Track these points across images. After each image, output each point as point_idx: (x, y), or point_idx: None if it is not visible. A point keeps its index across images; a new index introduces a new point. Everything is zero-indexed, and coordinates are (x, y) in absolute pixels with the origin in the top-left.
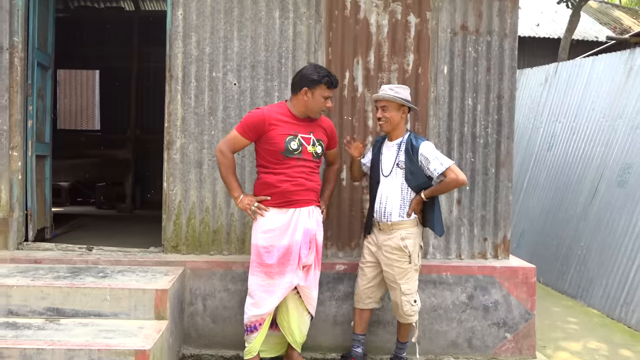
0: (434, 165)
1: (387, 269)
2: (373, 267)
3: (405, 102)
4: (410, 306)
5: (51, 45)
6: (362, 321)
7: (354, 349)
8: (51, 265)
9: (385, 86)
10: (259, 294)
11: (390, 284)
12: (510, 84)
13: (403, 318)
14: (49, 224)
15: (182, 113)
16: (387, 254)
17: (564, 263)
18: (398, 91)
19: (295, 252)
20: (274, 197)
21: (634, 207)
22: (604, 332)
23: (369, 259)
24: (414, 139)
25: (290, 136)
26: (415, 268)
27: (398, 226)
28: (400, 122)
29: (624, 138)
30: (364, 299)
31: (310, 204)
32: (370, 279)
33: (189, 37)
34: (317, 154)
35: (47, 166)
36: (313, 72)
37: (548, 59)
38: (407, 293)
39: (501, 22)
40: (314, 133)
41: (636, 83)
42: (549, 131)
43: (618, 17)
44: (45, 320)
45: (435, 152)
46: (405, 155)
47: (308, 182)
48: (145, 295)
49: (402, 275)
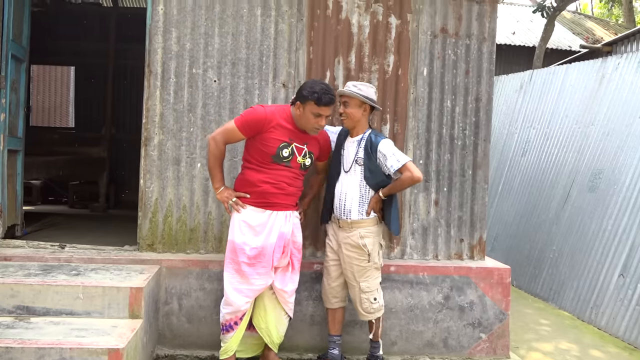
0: (391, 162)
1: (347, 266)
2: (336, 266)
3: (366, 99)
4: (370, 303)
5: (26, 37)
6: (335, 322)
7: (330, 351)
8: (22, 263)
9: (350, 82)
10: (231, 292)
11: (350, 282)
12: (487, 87)
13: (362, 315)
14: (20, 221)
15: (161, 109)
16: (346, 252)
17: (537, 266)
18: (361, 88)
19: (269, 255)
20: (254, 196)
21: (604, 212)
22: (574, 333)
23: (331, 256)
24: (374, 137)
25: (284, 143)
26: (376, 266)
27: (357, 224)
28: (362, 119)
29: (596, 144)
30: (330, 299)
31: (289, 209)
32: (335, 278)
33: (169, 33)
34: (305, 165)
35: (19, 161)
36: (306, 86)
37: (523, 66)
38: (366, 291)
39: (480, 26)
40: (308, 145)
41: (608, 91)
42: (524, 137)
43: (590, 28)
44: (15, 318)
45: (393, 149)
46: (364, 152)
47: (289, 187)
48: (119, 294)
49: (361, 273)
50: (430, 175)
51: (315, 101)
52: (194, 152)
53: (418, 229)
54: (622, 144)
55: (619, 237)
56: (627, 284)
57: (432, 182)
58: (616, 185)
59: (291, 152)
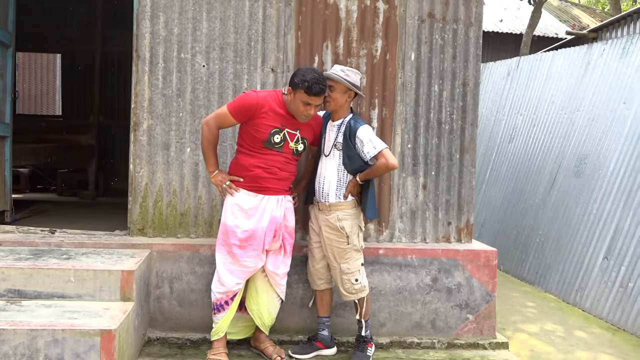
0: (368, 149)
1: (327, 248)
2: (319, 248)
3: (352, 86)
4: (351, 284)
5: (12, 22)
6: (323, 303)
7: (320, 332)
8: (12, 248)
9: (337, 66)
10: (223, 271)
11: (331, 263)
12: (474, 72)
13: (344, 295)
14: (9, 207)
15: (150, 94)
16: (326, 234)
17: (523, 251)
18: (348, 74)
19: (260, 238)
20: (246, 180)
21: (589, 196)
22: (559, 315)
23: (314, 239)
24: (353, 122)
25: (276, 129)
26: (355, 248)
27: (335, 207)
28: (345, 104)
29: (581, 130)
30: (315, 280)
31: (280, 193)
32: (318, 260)
33: (157, 17)
34: (298, 151)
35: (7, 147)
36: (299, 73)
37: (510, 53)
38: (346, 272)
39: (467, 11)
40: (301, 130)
41: (593, 77)
42: (511, 123)
43: (577, 15)
44: (6, 302)
45: (370, 135)
46: (343, 137)
47: (281, 171)
48: (110, 277)
49: (341, 255)
50: (418, 160)
51: (306, 90)
52: (184, 137)
53: (406, 213)
54: (606, 130)
55: (603, 220)
56: (611, 266)
57: (420, 166)
58: (601, 170)
59: (283, 138)
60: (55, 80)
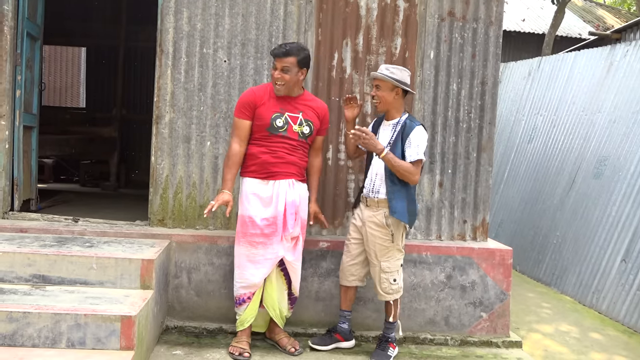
0: (411, 152)
1: (370, 244)
2: (358, 244)
3: (398, 83)
4: (389, 284)
5: (41, 16)
6: (347, 298)
7: (340, 325)
8: (37, 235)
9: (383, 65)
10: (244, 264)
11: (372, 260)
12: (494, 71)
13: (380, 295)
14: (34, 195)
15: (172, 88)
16: (370, 230)
17: (540, 252)
18: (393, 71)
19: (280, 223)
20: (256, 167)
21: (609, 198)
22: (575, 317)
23: (354, 235)
24: (410, 122)
25: (276, 113)
26: (398, 248)
27: (384, 204)
28: (394, 103)
29: (602, 132)
30: (347, 276)
31: (291, 177)
32: (355, 256)
33: (181, 13)
34: (304, 134)
35: (33, 137)
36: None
37: (532, 53)
38: (386, 271)
39: (487, 10)
40: (303, 113)
41: (616, 78)
42: (531, 124)
43: (602, 16)
44: (32, 286)
45: (421, 140)
46: (399, 136)
47: (288, 155)
48: (131, 265)
49: (383, 252)
50: (435, 157)
51: (272, 53)
52: (204, 131)
53: (422, 210)
54: (628, 132)
55: (622, 223)
56: (629, 269)
57: (437, 164)
58: (621, 173)
59: (285, 121)
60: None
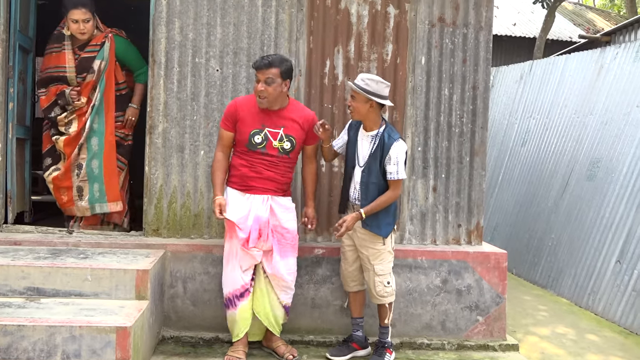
0: (391, 169)
1: (362, 249)
2: (352, 250)
3: (370, 96)
4: (383, 287)
5: (33, 28)
6: (356, 304)
7: (355, 333)
8: (31, 247)
9: (361, 75)
10: (227, 257)
11: (365, 265)
12: (485, 75)
13: (376, 298)
14: (28, 208)
15: (165, 98)
16: (361, 236)
17: (536, 254)
18: (368, 83)
19: (245, 235)
20: (236, 179)
21: (602, 200)
22: (571, 318)
23: (347, 242)
24: (388, 136)
25: (255, 130)
26: (389, 250)
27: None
28: (369, 114)
29: (594, 134)
30: (348, 282)
31: (267, 193)
32: (352, 262)
33: (172, 23)
34: (284, 149)
35: (27, 150)
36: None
37: (524, 57)
38: (380, 274)
39: (477, 15)
40: (285, 128)
41: (606, 81)
42: (523, 127)
43: (592, 19)
44: (26, 299)
45: (400, 157)
46: (377, 149)
47: (266, 171)
48: (126, 276)
49: (375, 256)
50: (429, 162)
51: (253, 66)
52: (197, 140)
53: (417, 215)
54: (619, 133)
55: (616, 224)
56: (624, 270)
57: (430, 168)
58: (614, 174)
59: (264, 137)
60: None
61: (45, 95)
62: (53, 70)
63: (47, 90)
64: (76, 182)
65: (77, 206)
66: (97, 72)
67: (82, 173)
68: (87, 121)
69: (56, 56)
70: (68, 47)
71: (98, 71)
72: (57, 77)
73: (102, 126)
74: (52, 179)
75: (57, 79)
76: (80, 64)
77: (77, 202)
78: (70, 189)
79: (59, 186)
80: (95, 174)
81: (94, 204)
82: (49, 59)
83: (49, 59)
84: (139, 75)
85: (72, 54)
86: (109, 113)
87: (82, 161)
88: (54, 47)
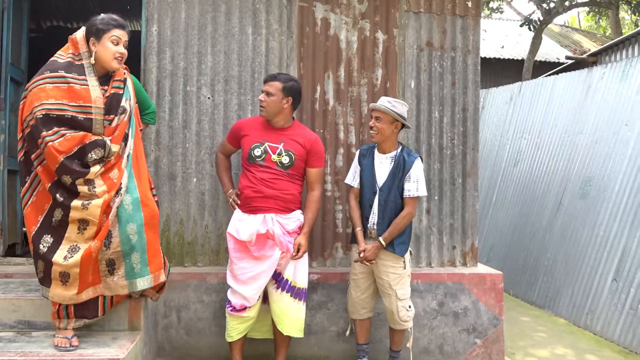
0: (410, 187)
1: (383, 275)
2: (365, 278)
3: (399, 117)
4: (406, 311)
5: (24, 61)
6: (363, 330)
7: (360, 359)
8: (22, 280)
9: (384, 98)
10: (230, 280)
11: (385, 291)
12: (474, 97)
13: (399, 324)
14: (20, 240)
15: (157, 126)
16: (381, 261)
17: (532, 274)
18: (395, 105)
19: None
20: (242, 202)
21: (596, 218)
22: (570, 339)
23: (360, 269)
24: (407, 155)
25: (256, 143)
26: (408, 274)
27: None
28: (392, 136)
29: (585, 152)
30: (359, 310)
31: (270, 212)
32: (364, 290)
33: (164, 52)
34: (283, 163)
35: (18, 182)
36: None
37: (513, 79)
38: (402, 298)
39: (464, 39)
40: (285, 144)
41: (594, 100)
42: (515, 147)
43: (578, 40)
44: (17, 333)
45: (420, 175)
46: (397, 170)
47: (268, 189)
48: (119, 306)
49: (397, 281)
50: None
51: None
52: (190, 168)
53: (411, 238)
54: (610, 151)
55: (610, 242)
56: (620, 288)
57: None
58: (606, 192)
59: (264, 150)
60: None
61: (61, 143)
62: (70, 109)
63: (63, 136)
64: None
65: (105, 283)
66: (128, 114)
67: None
68: (122, 176)
69: (71, 90)
70: (93, 80)
71: (129, 112)
72: (71, 118)
73: (132, 181)
74: (81, 259)
75: (70, 120)
76: (109, 103)
77: (106, 278)
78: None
79: (87, 267)
80: (133, 242)
81: (135, 280)
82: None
83: (56, 92)
84: (148, 115)
85: (100, 89)
86: (139, 162)
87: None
88: (63, 79)
